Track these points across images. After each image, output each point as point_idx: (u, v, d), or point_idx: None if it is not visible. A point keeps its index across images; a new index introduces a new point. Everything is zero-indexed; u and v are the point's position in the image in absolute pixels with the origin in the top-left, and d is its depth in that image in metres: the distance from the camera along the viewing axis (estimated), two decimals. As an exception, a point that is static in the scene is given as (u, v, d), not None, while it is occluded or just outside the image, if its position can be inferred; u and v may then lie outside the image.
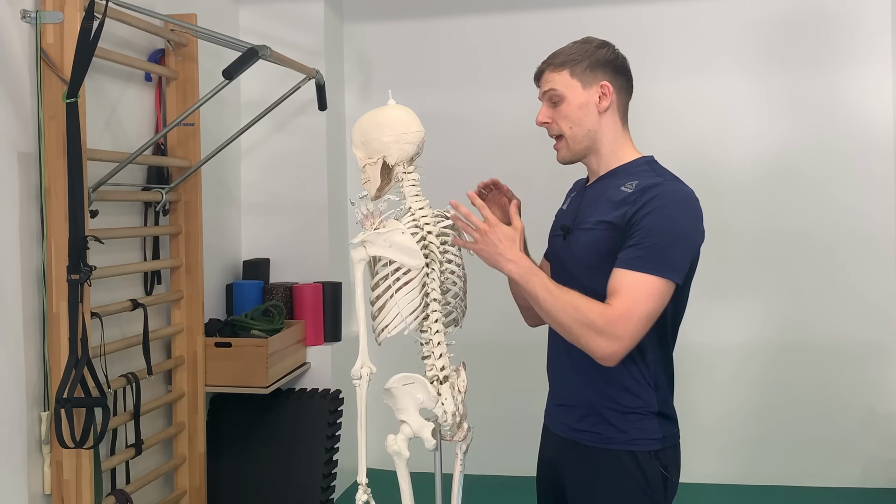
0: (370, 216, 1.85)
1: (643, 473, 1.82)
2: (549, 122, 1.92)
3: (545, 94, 1.92)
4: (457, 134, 3.99)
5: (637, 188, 1.80)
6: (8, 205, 2.32)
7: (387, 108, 1.91)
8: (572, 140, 1.90)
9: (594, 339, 1.72)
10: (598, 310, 1.72)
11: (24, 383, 2.36)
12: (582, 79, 1.88)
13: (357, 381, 1.88)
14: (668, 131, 3.90)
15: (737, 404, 3.87)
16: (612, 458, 1.83)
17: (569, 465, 1.92)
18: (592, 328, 1.71)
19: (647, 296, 1.72)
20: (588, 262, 1.84)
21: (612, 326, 1.70)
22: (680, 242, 1.77)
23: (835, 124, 3.76)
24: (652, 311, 1.73)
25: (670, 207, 1.77)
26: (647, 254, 1.73)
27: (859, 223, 3.76)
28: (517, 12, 4.01)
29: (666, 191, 1.79)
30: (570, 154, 1.92)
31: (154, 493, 3.01)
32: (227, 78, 2.59)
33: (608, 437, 1.84)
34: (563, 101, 1.89)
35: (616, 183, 1.85)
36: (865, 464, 3.77)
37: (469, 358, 2.01)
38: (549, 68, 1.91)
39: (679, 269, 1.77)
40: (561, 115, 1.89)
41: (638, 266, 1.73)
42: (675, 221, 1.77)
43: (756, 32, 3.82)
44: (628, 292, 1.72)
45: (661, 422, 1.85)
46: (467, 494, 1.98)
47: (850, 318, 3.78)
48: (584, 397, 1.87)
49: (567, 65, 1.89)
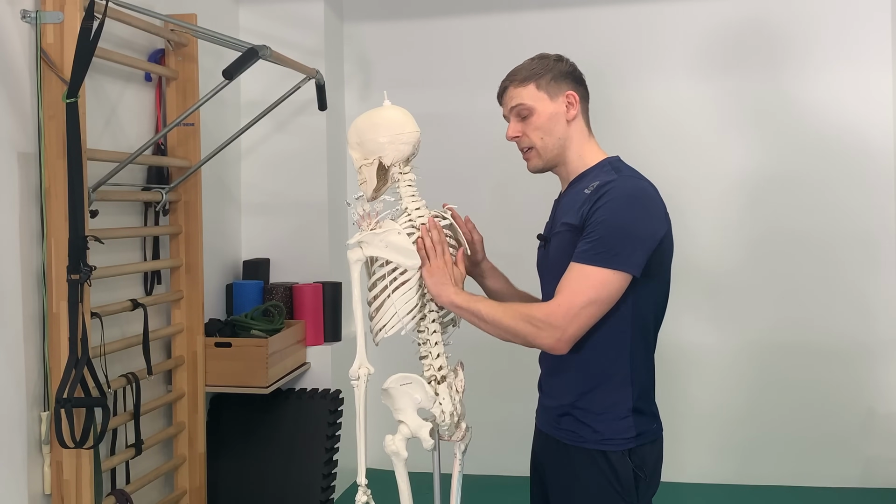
0: (366, 217, 1.85)
1: (615, 472, 1.85)
2: (520, 135, 1.97)
3: (512, 109, 1.98)
4: (456, 134, 3.99)
5: (594, 188, 1.87)
6: (8, 205, 2.32)
7: (382, 109, 1.92)
8: (543, 150, 1.96)
9: (538, 333, 1.80)
10: (538, 307, 1.82)
11: (24, 383, 2.37)
12: (548, 91, 1.95)
13: (355, 382, 1.88)
14: (667, 132, 3.90)
15: (737, 404, 3.87)
16: (586, 456, 1.87)
17: (549, 461, 1.97)
18: (532, 323, 1.79)
19: (588, 286, 1.77)
20: (559, 266, 1.88)
21: (551, 317, 1.78)
22: (630, 236, 1.80)
23: (835, 125, 3.76)
24: (593, 299, 1.78)
25: (619, 201, 1.81)
26: (593, 247, 1.78)
27: (859, 223, 3.76)
28: (517, 12, 4.01)
29: (617, 186, 1.84)
30: (542, 163, 1.98)
31: (154, 493, 3.01)
32: (227, 78, 2.60)
33: (581, 436, 1.88)
34: (532, 114, 1.95)
35: (581, 187, 1.91)
36: (865, 464, 3.77)
37: (467, 358, 2.02)
38: (513, 84, 1.98)
39: (630, 260, 1.79)
40: (531, 127, 1.95)
41: (583, 258, 1.79)
42: (622, 214, 1.81)
43: (755, 32, 3.81)
44: (571, 284, 1.79)
45: (636, 419, 1.88)
46: (466, 494, 1.98)
47: (849, 318, 3.77)
48: (561, 397, 1.92)
49: (531, 79, 1.96)
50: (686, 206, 3.83)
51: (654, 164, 3.82)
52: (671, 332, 3.87)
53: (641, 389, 1.92)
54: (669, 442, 4.13)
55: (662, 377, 3.99)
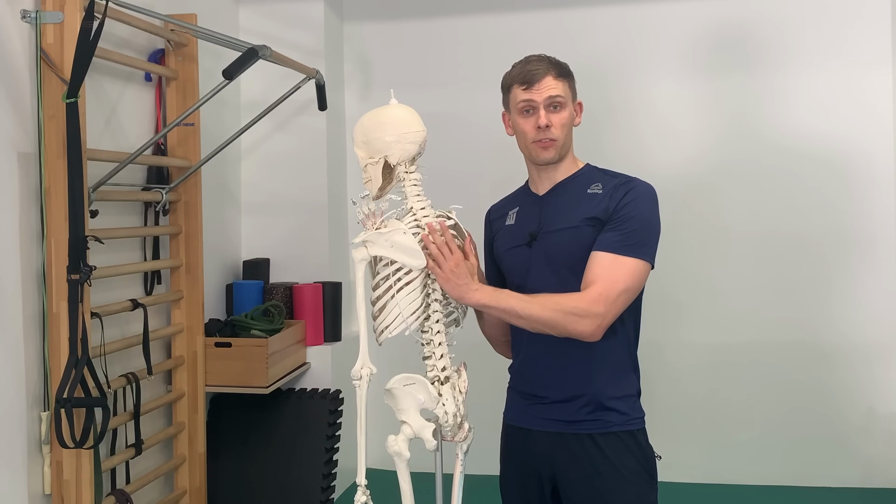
0: (371, 216, 1.84)
1: (642, 450, 1.98)
2: (550, 125, 1.99)
3: (549, 98, 1.98)
4: (457, 134, 3.99)
5: (608, 186, 1.98)
6: (8, 205, 2.32)
7: (389, 108, 1.91)
8: (561, 146, 2.01)
9: (577, 323, 1.86)
10: (576, 296, 1.88)
11: (24, 383, 2.36)
12: (572, 92, 2.04)
13: (357, 382, 1.88)
14: (665, 131, 3.90)
15: (736, 404, 3.87)
16: (616, 440, 1.95)
17: (567, 460, 1.97)
18: (575, 313, 1.85)
19: (624, 274, 1.88)
20: (572, 257, 1.94)
21: (593, 306, 1.85)
22: (653, 229, 1.96)
23: (834, 125, 3.76)
24: (629, 288, 1.90)
25: (645, 199, 1.97)
26: (625, 238, 1.90)
27: (858, 223, 3.76)
28: (517, 12, 4.00)
29: (640, 184, 2.00)
30: (556, 157, 2.02)
31: (154, 493, 3.01)
32: (227, 78, 2.59)
33: (608, 420, 1.96)
34: (563, 109, 2.00)
35: (577, 188, 2.02)
36: (865, 464, 3.77)
37: (470, 358, 2.01)
38: (553, 75, 2.00)
39: (653, 252, 1.95)
40: (560, 121, 2.00)
41: (616, 248, 1.89)
42: (649, 210, 1.97)
43: (755, 32, 3.81)
44: (607, 272, 1.87)
45: (639, 402, 2.03)
46: (467, 495, 1.98)
47: (849, 319, 3.77)
48: (581, 389, 1.96)
49: (568, 77, 2.04)
50: (684, 206, 3.83)
51: (651, 163, 3.86)
52: (671, 332, 3.91)
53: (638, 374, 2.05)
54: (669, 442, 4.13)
55: (662, 377, 4.02)
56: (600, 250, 1.90)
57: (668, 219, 3.80)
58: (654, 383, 3.83)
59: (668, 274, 3.84)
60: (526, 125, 2.01)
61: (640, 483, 1.96)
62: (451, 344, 1.90)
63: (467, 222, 1.96)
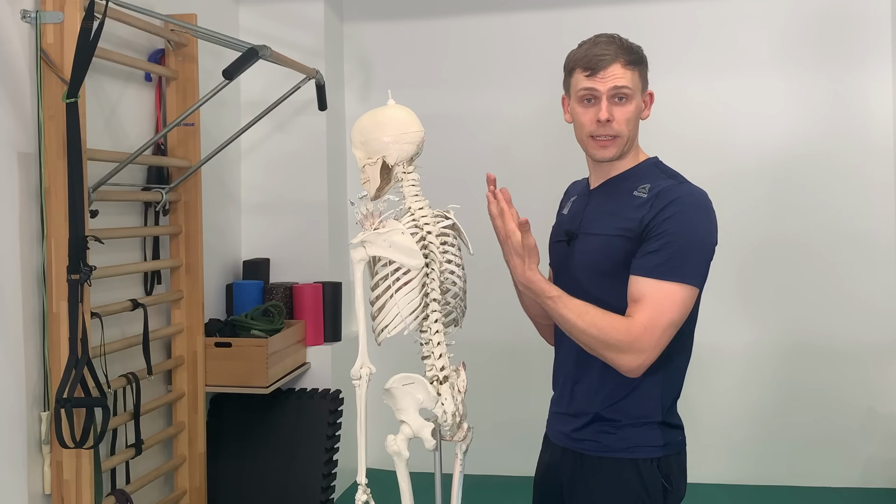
0: (370, 216, 1.84)
1: (643, 482, 1.81)
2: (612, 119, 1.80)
3: (614, 89, 1.79)
4: (457, 134, 3.99)
5: (651, 191, 1.78)
6: (8, 205, 2.32)
7: (386, 108, 1.91)
8: (624, 143, 1.83)
9: (619, 357, 1.72)
10: (622, 327, 1.70)
11: (24, 383, 2.36)
12: (642, 83, 1.85)
13: (357, 382, 1.88)
14: (666, 132, 3.90)
15: (737, 405, 3.87)
16: (612, 466, 1.83)
17: (567, 476, 1.92)
18: (617, 347, 1.71)
19: (671, 305, 1.70)
20: (598, 268, 1.81)
21: (637, 342, 1.69)
22: (699, 247, 1.75)
23: (834, 125, 3.76)
24: (676, 319, 1.72)
25: (690, 212, 1.75)
26: (668, 261, 1.71)
27: (859, 224, 3.76)
28: (517, 12, 4.00)
29: (683, 194, 1.77)
30: (617, 155, 1.84)
31: (154, 493, 3.01)
32: (227, 78, 2.59)
33: (608, 445, 1.83)
34: (629, 102, 1.82)
35: (626, 187, 1.83)
36: (865, 464, 3.77)
37: (469, 358, 2.01)
38: (621, 62, 1.79)
39: (700, 274, 1.75)
40: (624, 115, 1.81)
41: (660, 274, 1.71)
42: (695, 226, 1.75)
43: (755, 32, 3.81)
44: (652, 302, 1.70)
45: (663, 430, 1.84)
46: (467, 494, 1.98)
47: (850, 319, 3.77)
48: (588, 407, 1.86)
49: (637, 65, 1.82)
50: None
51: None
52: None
53: (669, 401, 1.86)
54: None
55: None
56: (641, 275, 1.71)
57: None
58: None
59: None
60: (585, 116, 1.82)
61: None
62: (450, 344, 1.90)
63: (466, 222, 1.96)
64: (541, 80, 3.98)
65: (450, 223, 1.91)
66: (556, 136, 3.94)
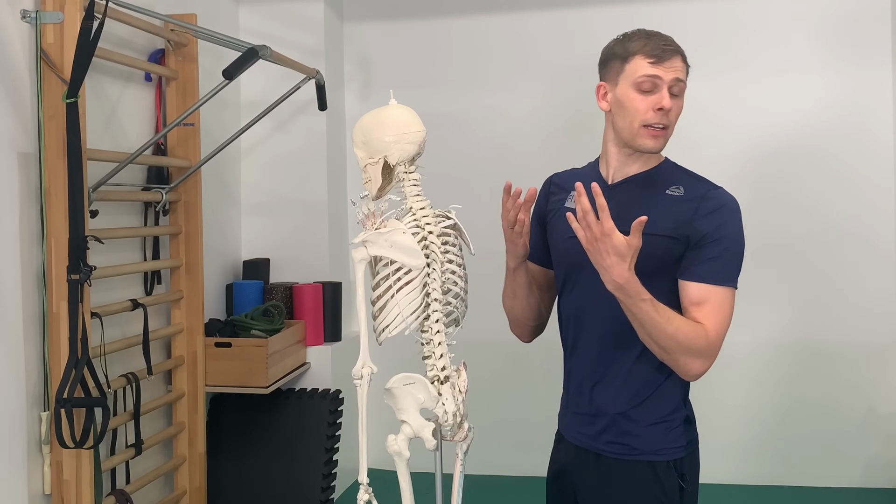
0: (371, 216, 1.84)
1: (660, 484, 1.84)
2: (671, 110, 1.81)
3: (675, 80, 1.80)
4: (457, 134, 3.99)
5: (693, 195, 1.82)
6: (8, 205, 2.32)
7: (388, 108, 1.91)
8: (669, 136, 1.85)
9: (692, 361, 1.75)
10: (701, 333, 1.74)
11: (24, 383, 2.36)
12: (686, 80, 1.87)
13: (358, 381, 1.88)
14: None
15: (737, 405, 3.86)
16: (629, 468, 1.84)
17: (582, 475, 1.92)
18: (694, 352, 1.74)
19: (729, 309, 1.79)
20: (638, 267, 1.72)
21: (711, 347, 1.75)
22: (743, 252, 1.86)
23: (835, 125, 3.76)
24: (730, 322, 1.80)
25: (736, 218, 1.84)
26: (726, 266, 1.79)
27: (859, 224, 3.76)
28: (517, 12, 4.00)
29: (729, 200, 1.85)
30: (663, 146, 1.86)
31: (154, 493, 3.01)
32: (227, 78, 2.59)
33: (630, 446, 1.85)
34: (681, 98, 1.85)
35: (656, 188, 1.85)
36: (865, 464, 3.77)
37: (470, 358, 2.01)
38: (682, 57, 1.83)
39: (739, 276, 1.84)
40: (677, 108, 1.84)
41: (720, 280, 1.78)
42: (740, 231, 1.85)
43: (755, 32, 3.81)
44: (716, 307, 1.76)
45: (686, 428, 1.89)
46: (467, 494, 1.98)
47: (849, 319, 3.77)
48: (611, 408, 1.86)
49: (686, 60, 1.85)
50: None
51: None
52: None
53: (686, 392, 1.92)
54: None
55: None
56: (703, 281, 1.76)
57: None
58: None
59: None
60: (643, 103, 1.79)
61: None
62: (451, 344, 1.90)
63: (467, 222, 1.96)
64: (541, 80, 3.99)
65: (451, 223, 1.91)
66: (557, 135, 3.95)
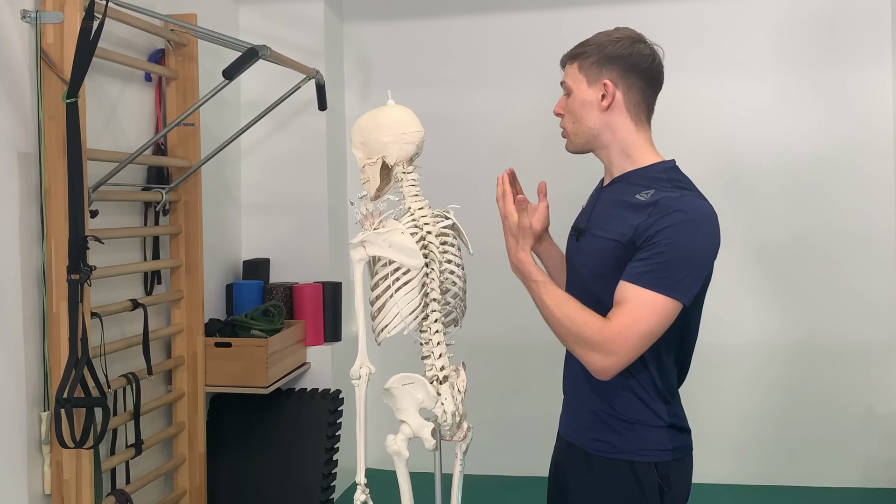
0: (369, 216, 1.85)
1: (640, 485, 1.79)
2: (562, 113, 1.91)
3: (562, 84, 1.90)
4: (457, 134, 3.99)
5: (652, 198, 1.74)
6: (8, 205, 2.32)
7: (386, 109, 1.91)
8: (574, 135, 1.89)
9: (589, 354, 1.71)
10: (595, 325, 1.69)
11: (24, 383, 2.36)
12: (588, 74, 1.84)
13: (356, 381, 1.88)
14: (666, 131, 3.89)
15: (737, 405, 3.87)
16: (611, 466, 1.81)
17: (572, 470, 1.92)
18: (588, 344, 1.70)
19: (649, 313, 1.67)
20: (596, 270, 1.80)
21: (608, 343, 1.68)
22: (692, 263, 1.70)
23: (834, 125, 3.76)
24: (653, 329, 1.68)
25: (687, 225, 1.70)
26: (656, 270, 1.67)
27: (859, 223, 3.76)
28: (517, 12, 4.00)
29: (684, 207, 1.72)
30: (573, 147, 1.92)
31: (154, 493, 3.01)
32: (227, 78, 2.59)
33: (611, 444, 1.82)
34: (570, 95, 1.88)
35: (631, 189, 1.80)
36: (865, 464, 3.77)
37: (469, 358, 2.01)
38: (567, 57, 1.90)
39: (687, 290, 1.70)
40: (568, 108, 1.88)
41: (645, 282, 1.67)
42: (690, 241, 1.70)
43: (755, 32, 3.81)
44: (631, 308, 1.67)
45: (671, 433, 1.82)
46: (467, 494, 1.98)
47: (850, 319, 3.77)
48: (590, 405, 1.86)
49: (578, 58, 1.86)
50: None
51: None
52: (671, 332, 3.91)
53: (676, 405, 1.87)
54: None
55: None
56: (627, 280, 1.69)
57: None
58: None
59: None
60: None
61: None
62: (450, 343, 1.90)
63: (465, 222, 1.96)
64: (541, 80, 3.97)
65: (450, 223, 1.92)
66: (556, 135, 3.95)
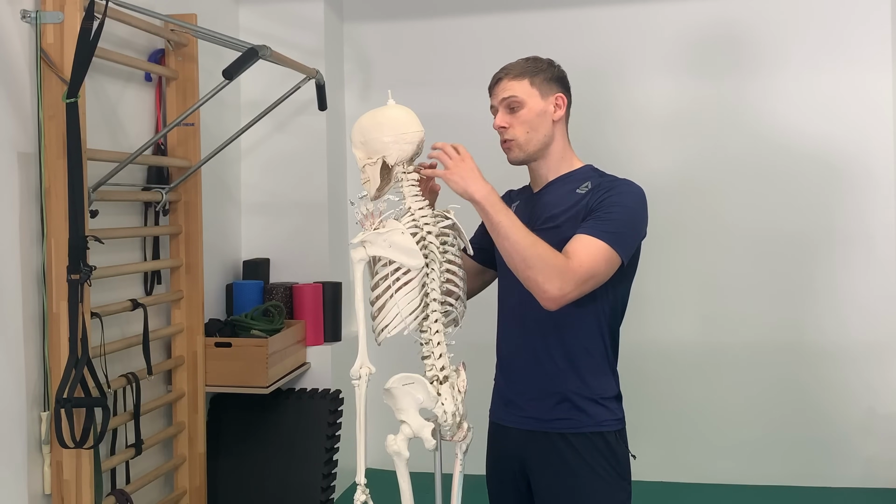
0: (370, 216, 1.85)
1: (613, 452, 1.98)
2: (507, 126, 2.05)
3: (503, 100, 2.06)
4: (457, 134, 3.94)
5: (593, 185, 2.00)
6: (8, 205, 2.32)
7: (386, 108, 1.91)
8: (526, 144, 2.04)
9: (550, 279, 1.83)
10: (560, 256, 1.86)
11: (24, 383, 2.36)
12: (541, 89, 2.04)
13: (356, 382, 1.88)
14: (666, 131, 3.90)
15: (737, 404, 3.87)
16: (585, 441, 1.97)
17: (538, 457, 2.01)
18: (552, 270, 1.83)
19: (599, 258, 1.87)
20: None
21: (569, 273, 1.84)
22: (633, 226, 1.96)
23: (834, 124, 3.76)
24: (600, 273, 1.88)
25: (630, 196, 1.97)
26: (605, 225, 1.90)
27: (859, 224, 3.76)
28: (517, 12, 4.00)
29: (627, 182, 2.02)
30: (522, 156, 2.06)
31: (154, 493, 3.01)
32: (227, 78, 2.59)
33: (579, 421, 1.97)
34: (522, 108, 2.03)
35: (570, 187, 2.03)
36: (865, 464, 3.77)
37: (469, 358, 2.02)
38: (508, 77, 2.07)
39: (628, 248, 1.93)
40: (519, 120, 2.04)
41: (595, 232, 1.89)
42: (633, 207, 1.97)
43: (755, 32, 3.81)
44: (581, 249, 1.87)
45: (617, 405, 2.03)
46: (467, 494, 1.98)
47: (849, 318, 3.77)
48: (555, 387, 1.99)
49: (527, 75, 2.05)
50: (684, 206, 3.84)
51: (651, 162, 3.86)
52: (670, 331, 3.91)
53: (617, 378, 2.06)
54: (670, 442, 4.11)
55: (662, 376, 4.01)
56: (580, 232, 1.91)
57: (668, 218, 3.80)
58: (653, 383, 3.85)
59: (668, 273, 3.86)
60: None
61: (610, 483, 1.98)
62: (450, 344, 1.91)
63: (465, 222, 1.96)
64: (541, 80, 3.99)
65: (450, 223, 1.92)
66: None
